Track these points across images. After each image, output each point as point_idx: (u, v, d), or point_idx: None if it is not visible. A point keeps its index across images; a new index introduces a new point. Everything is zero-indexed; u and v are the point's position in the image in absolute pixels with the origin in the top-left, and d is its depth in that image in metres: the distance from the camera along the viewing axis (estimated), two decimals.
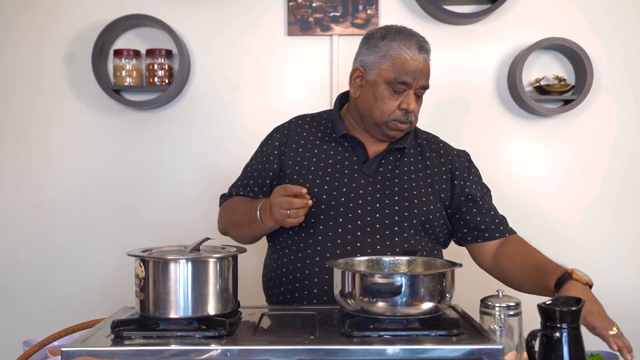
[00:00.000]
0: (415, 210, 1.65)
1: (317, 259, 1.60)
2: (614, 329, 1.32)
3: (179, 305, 1.22)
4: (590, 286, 1.45)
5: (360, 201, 1.63)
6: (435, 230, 1.70)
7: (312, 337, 1.19)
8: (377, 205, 1.63)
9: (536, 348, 1.17)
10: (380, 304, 1.19)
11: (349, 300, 1.24)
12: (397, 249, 1.60)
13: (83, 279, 2.54)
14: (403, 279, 1.18)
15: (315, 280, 1.59)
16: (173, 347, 1.13)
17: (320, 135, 1.74)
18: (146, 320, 1.24)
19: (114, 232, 2.53)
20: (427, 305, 1.21)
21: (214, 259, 1.25)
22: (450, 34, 2.53)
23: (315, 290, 1.60)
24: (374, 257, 1.43)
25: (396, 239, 1.62)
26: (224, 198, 1.84)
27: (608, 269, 2.53)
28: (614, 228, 2.57)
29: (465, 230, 1.74)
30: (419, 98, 1.66)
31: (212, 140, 2.55)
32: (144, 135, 2.54)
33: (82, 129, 2.53)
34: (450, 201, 1.72)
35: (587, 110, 2.54)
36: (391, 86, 1.61)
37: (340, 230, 1.61)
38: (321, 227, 1.62)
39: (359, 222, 1.61)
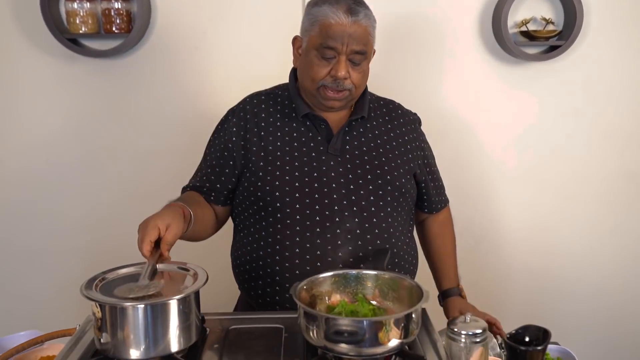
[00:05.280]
0: (389, 187, 1.62)
1: (297, 250, 1.55)
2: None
3: (138, 347, 1.18)
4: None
5: (333, 185, 1.58)
6: (408, 203, 1.70)
7: None
8: (351, 187, 1.59)
9: None
10: (345, 346, 1.16)
11: (312, 336, 1.21)
12: (376, 232, 1.58)
13: (51, 234, 2.50)
14: (366, 324, 1.15)
15: (293, 271, 1.56)
16: None
17: (280, 116, 1.65)
18: None
19: (80, 186, 2.46)
20: (392, 344, 1.18)
21: (175, 301, 1.20)
22: None
23: (291, 281, 1.56)
24: (339, 272, 1.38)
25: (374, 219, 1.59)
26: (182, 190, 1.73)
27: (593, 210, 2.57)
28: (600, 174, 2.55)
29: (417, 199, 1.77)
30: (355, 65, 1.57)
31: (179, 88, 2.41)
32: (106, 84, 2.38)
33: (40, 80, 2.37)
34: (417, 169, 1.71)
35: (573, 55, 2.41)
36: (319, 52, 1.54)
37: (317, 218, 1.56)
38: (298, 217, 1.56)
39: (336, 208, 1.56)
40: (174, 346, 1.21)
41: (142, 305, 1.17)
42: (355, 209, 1.58)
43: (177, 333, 1.21)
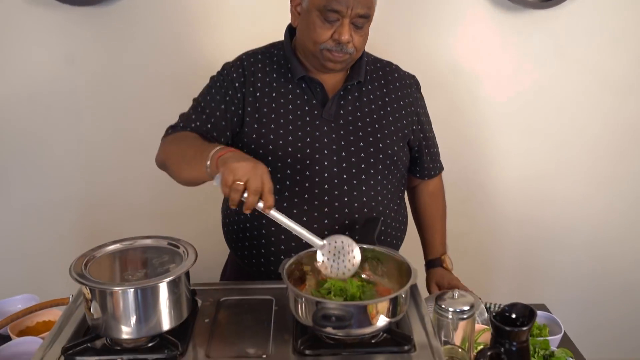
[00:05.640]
0: (381, 155, 1.61)
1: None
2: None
3: (129, 327, 1.20)
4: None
5: (325, 152, 1.56)
6: (400, 170, 1.69)
7: (264, 355, 1.20)
8: (343, 154, 1.57)
9: None
10: (332, 328, 1.18)
11: (301, 316, 1.23)
12: (364, 201, 1.57)
13: (40, 184, 2.49)
14: (354, 309, 1.16)
15: (279, 236, 1.57)
16: None
17: (276, 77, 1.61)
18: (96, 340, 1.23)
19: (72, 135, 2.43)
20: (381, 324, 1.20)
21: (165, 283, 1.20)
22: None
23: (282, 248, 1.58)
24: None
25: (364, 187, 1.58)
26: (172, 129, 1.61)
27: (589, 160, 2.56)
28: (597, 124, 2.52)
29: (410, 165, 1.76)
30: (358, 28, 1.51)
31: (169, 37, 2.34)
32: (93, 33, 2.31)
33: (25, 28, 2.29)
34: (412, 135, 1.69)
35: (575, 2, 2.33)
36: (322, 14, 1.48)
37: (307, 185, 1.55)
38: (287, 182, 1.55)
39: (326, 175, 1.56)
40: (166, 325, 1.23)
41: (132, 289, 1.18)
42: (345, 176, 1.57)
43: (168, 312, 1.22)
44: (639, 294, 2.74)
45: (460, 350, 1.34)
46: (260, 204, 1.24)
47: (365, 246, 1.39)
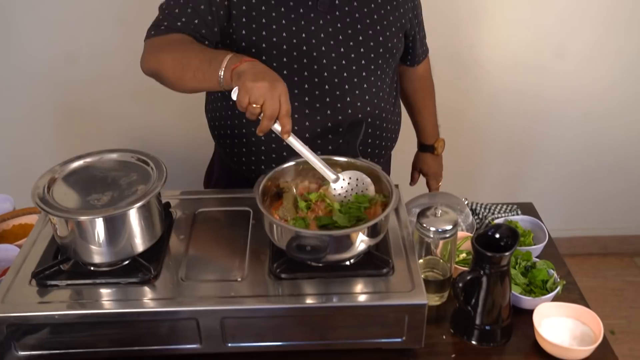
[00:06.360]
0: (381, 50, 1.49)
1: None
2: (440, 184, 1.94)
3: (100, 254, 1.16)
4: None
5: (323, 48, 1.43)
6: (397, 61, 1.59)
7: (239, 278, 1.18)
8: (341, 49, 1.44)
9: None
10: (307, 259, 1.14)
11: (276, 241, 1.19)
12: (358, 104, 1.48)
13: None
14: (330, 239, 1.11)
15: (269, 134, 1.48)
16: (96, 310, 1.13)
17: None
18: (67, 261, 1.20)
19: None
20: (360, 248, 1.17)
21: (134, 209, 1.14)
22: None
23: (265, 144, 1.50)
24: (300, 160, 1.30)
25: (365, 85, 1.48)
26: (156, 30, 1.38)
27: (593, 31, 2.42)
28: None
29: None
30: None
31: None
32: None
33: None
34: (408, 24, 1.56)
35: None
36: None
37: (306, 86, 1.44)
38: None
39: (325, 75, 1.44)
40: (138, 248, 1.19)
41: (100, 218, 1.12)
42: (346, 75, 1.45)
43: (140, 235, 1.19)
44: (633, 169, 2.73)
45: (441, 261, 1.32)
46: (277, 127, 1.14)
47: (344, 159, 1.32)
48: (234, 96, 1.12)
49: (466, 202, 1.61)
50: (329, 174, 1.25)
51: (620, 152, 2.68)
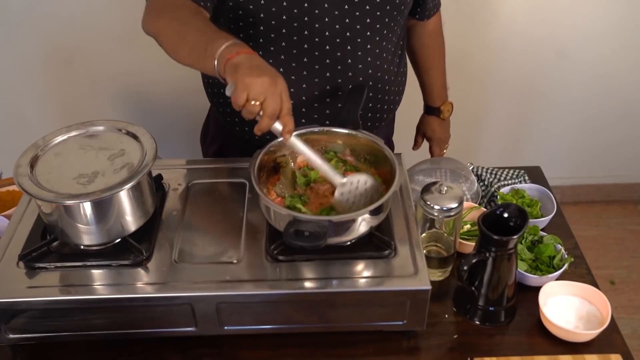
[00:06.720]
0: (388, 7, 1.35)
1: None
2: (445, 151, 1.81)
3: (88, 236, 1.11)
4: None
5: (326, 5, 1.30)
6: (404, 17, 1.45)
7: (235, 260, 1.13)
8: (346, 7, 1.31)
9: None
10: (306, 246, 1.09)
11: (273, 223, 1.14)
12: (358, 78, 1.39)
13: None
14: (330, 224, 1.06)
15: None
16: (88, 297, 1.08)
17: None
18: (54, 242, 1.15)
19: None
20: (362, 229, 1.12)
21: (125, 191, 1.08)
22: None
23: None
24: (303, 131, 1.22)
25: (368, 46, 1.37)
26: None
27: None
28: None
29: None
30: None
31: None
32: None
33: None
34: None
35: None
36: None
37: (306, 46, 1.33)
38: (283, 44, 1.33)
39: (327, 34, 1.32)
40: (129, 228, 1.15)
41: (88, 203, 1.06)
42: (349, 34, 1.34)
43: (131, 215, 1.13)
44: None
45: (445, 235, 1.27)
46: (278, 126, 1.05)
47: (345, 131, 1.25)
48: (228, 92, 1.02)
49: (471, 168, 1.54)
50: (335, 177, 1.16)
51: (629, 98, 2.59)
